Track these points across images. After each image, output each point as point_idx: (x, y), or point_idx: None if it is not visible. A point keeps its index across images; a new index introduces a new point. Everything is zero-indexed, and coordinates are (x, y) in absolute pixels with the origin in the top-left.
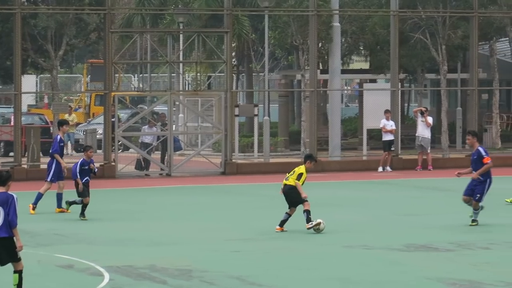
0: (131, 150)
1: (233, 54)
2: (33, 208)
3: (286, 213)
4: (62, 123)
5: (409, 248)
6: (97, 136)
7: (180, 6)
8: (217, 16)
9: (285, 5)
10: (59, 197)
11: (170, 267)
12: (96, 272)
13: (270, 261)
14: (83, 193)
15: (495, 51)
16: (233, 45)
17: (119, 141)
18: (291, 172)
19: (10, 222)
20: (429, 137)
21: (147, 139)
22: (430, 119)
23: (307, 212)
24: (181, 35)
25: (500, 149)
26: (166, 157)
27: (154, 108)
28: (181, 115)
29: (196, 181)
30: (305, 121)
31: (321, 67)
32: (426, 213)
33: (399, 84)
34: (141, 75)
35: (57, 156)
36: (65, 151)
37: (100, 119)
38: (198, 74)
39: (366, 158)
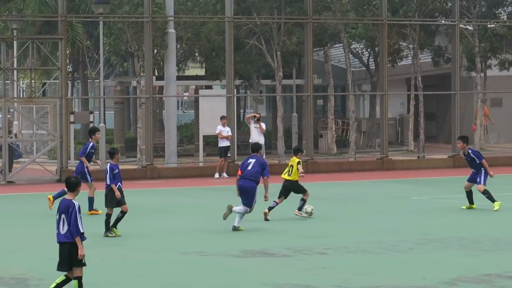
0: None
1: (68, 60)
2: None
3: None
4: (94, 130)
5: (246, 254)
6: None
7: (13, 12)
8: (51, 23)
9: (120, 11)
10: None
11: (5, 275)
12: None
13: (107, 269)
14: (112, 202)
15: (330, 57)
16: (67, 51)
17: None
18: (289, 168)
19: (72, 232)
20: (263, 143)
21: None
22: (263, 125)
23: (304, 201)
24: (15, 42)
25: (336, 154)
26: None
27: None
28: (15, 122)
29: (31, 189)
30: (141, 127)
31: (156, 74)
32: (262, 218)
33: (235, 90)
34: None
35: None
36: None
37: None
38: (33, 81)
39: (202, 165)
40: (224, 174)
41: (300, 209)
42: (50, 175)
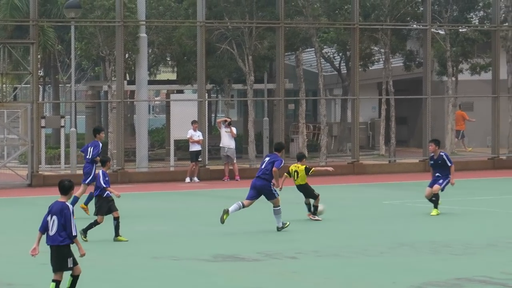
0: None
1: (39, 65)
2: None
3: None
4: (99, 130)
5: (217, 259)
6: None
7: None
8: (22, 27)
9: (92, 16)
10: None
11: None
12: None
13: None
14: (101, 210)
15: (301, 62)
16: (38, 56)
17: None
18: (295, 174)
19: (68, 234)
20: (234, 148)
21: None
22: (234, 130)
23: (315, 207)
24: None
25: (307, 158)
26: None
27: None
28: None
29: (2, 194)
30: (112, 132)
31: (128, 78)
32: (233, 223)
33: (206, 94)
34: None
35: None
36: None
37: None
38: (4, 85)
39: (173, 169)
40: (195, 179)
41: (314, 213)
42: (21, 180)
